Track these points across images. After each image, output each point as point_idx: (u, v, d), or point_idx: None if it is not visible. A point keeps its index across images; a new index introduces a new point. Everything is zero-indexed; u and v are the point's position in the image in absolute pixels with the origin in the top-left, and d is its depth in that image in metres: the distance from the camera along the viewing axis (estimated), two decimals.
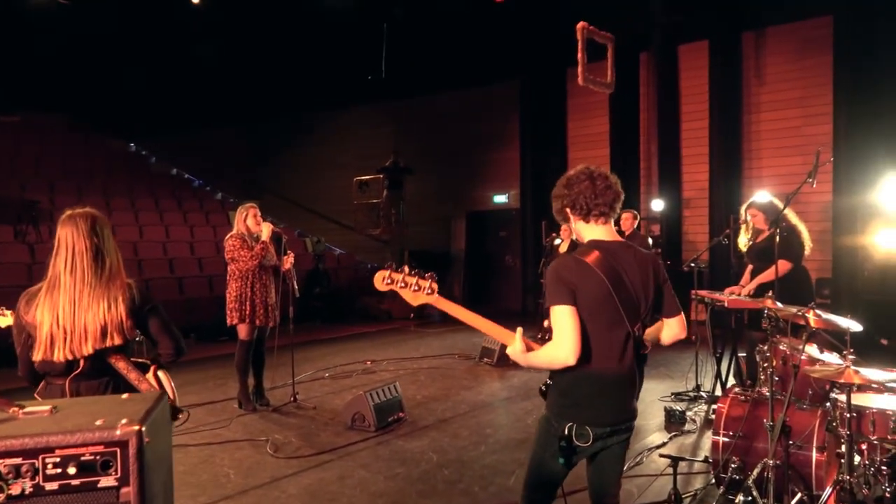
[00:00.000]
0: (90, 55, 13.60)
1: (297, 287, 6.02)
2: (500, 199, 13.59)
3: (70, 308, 2.45)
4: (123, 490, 1.10)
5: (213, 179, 16.89)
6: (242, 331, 5.73)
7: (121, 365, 2.55)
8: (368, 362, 8.16)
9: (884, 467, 3.19)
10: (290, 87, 14.47)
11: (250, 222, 5.78)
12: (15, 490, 1.08)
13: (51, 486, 1.13)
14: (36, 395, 2.56)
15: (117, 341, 2.49)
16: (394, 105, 14.43)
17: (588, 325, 2.20)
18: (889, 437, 3.13)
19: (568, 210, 2.39)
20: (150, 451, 1.13)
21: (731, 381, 5.82)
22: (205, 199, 15.65)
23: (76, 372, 2.49)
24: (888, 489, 3.20)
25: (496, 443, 5.01)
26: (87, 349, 2.45)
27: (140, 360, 2.71)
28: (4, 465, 1.08)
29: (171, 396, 2.65)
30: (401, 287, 2.48)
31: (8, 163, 13.58)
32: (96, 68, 14.24)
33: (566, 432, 2.22)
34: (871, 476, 3.23)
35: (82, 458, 1.11)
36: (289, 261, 5.83)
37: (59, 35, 12.46)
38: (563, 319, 2.17)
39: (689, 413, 5.58)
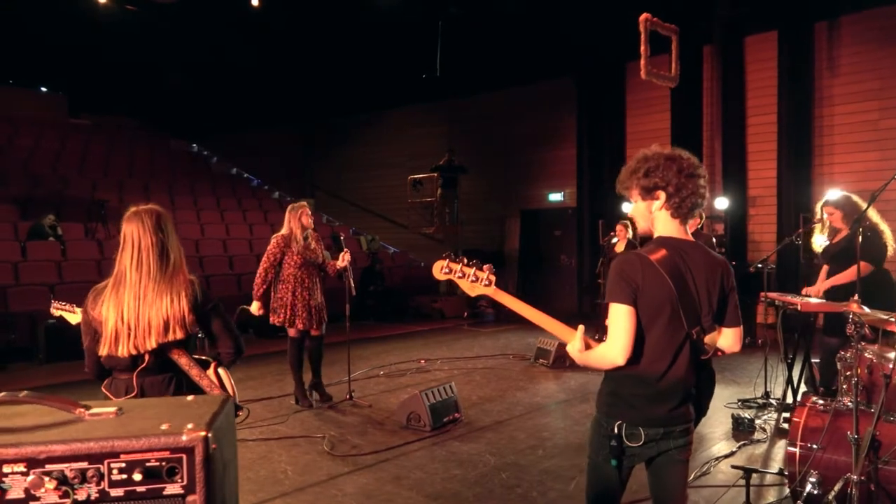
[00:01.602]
0: (155, 59, 14.05)
1: (353, 285, 6.02)
2: (555, 197, 13.44)
3: (135, 304, 2.48)
4: (189, 498, 1.07)
5: (271, 179, 17.25)
6: (291, 331, 5.79)
7: (183, 361, 2.56)
8: (422, 361, 8.13)
9: None
10: (344, 87, 14.63)
11: (304, 221, 5.78)
12: (81, 495, 1.06)
13: (116, 492, 1.10)
14: (102, 389, 2.61)
15: (179, 335, 2.51)
16: (448, 104, 14.42)
17: (645, 325, 2.12)
18: None
19: (661, 194, 2.20)
20: (216, 456, 1.09)
21: (803, 388, 5.50)
22: (263, 198, 15.98)
23: (141, 367, 2.52)
24: None
25: (554, 447, 4.89)
26: (151, 343, 2.48)
27: (202, 356, 2.73)
28: (71, 470, 1.06)
29: (231, 394, 2.66)
30: (458, 277, 2.39)
31: (78, 163, 14.20)
32: (161, 72, 14.71)
33: (616, 430, 2.16)
34: None
35: (148, 465, 1.07)
36: (345, 258, 5.82)
37: (126, 40, 12.92)
38: (619, 318, 2.10)
39: (757, 421, 5.30)
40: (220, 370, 2.70)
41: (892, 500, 3.15)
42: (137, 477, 1.08)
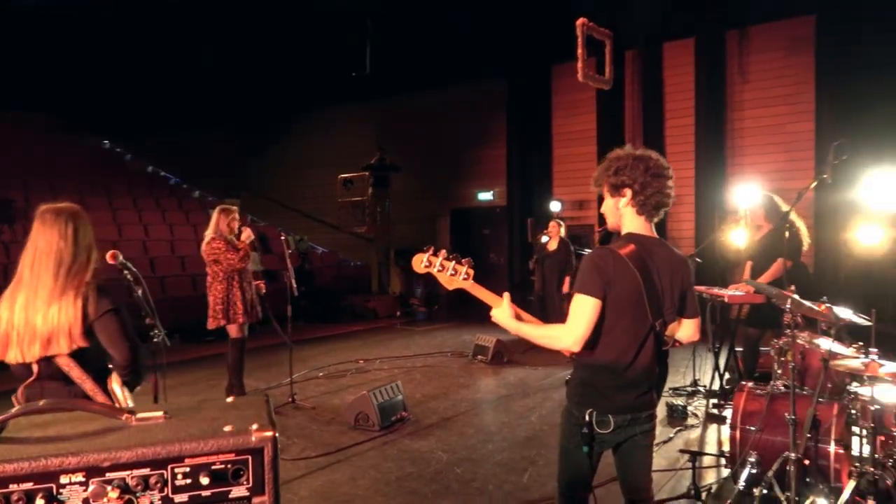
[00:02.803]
0: (68, 53, 13.20)
1: (294, 285, 5.91)
2: (485, 196, 13.66)
3: (24, 308, 2.28)
4: (256, 500, 1.02)
5: (192, 178, 16.58)
6: (232, 330, 5.63)
7: (74, 373, 2.32)
8: (361, 361, 8.07)
9: None
10: (272, 85, 14.26)
11: (232, 225, 5.68)
12: (143, 503, 0.99)
13: (180, 497, 1.04)
14: (13, 398, 2.37)
15: (64, 348, 2.28)
16: (379, 103, 14.35)
17: (614, 318, 2.21)
18: None
19: (627, 191, 2.31)
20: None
21: (727, 375, 5.87)
22: (183, 197, 15.35)
23: (33, 378, 2.31)
24: None
25: (503, 440, 4.98)
26: (35, 353, 2.27)
27: (101, 368, 2.48)
28: (133, 477, 0.99)
29: None
30: (438, 271, 2.44)
31: None
32: (73, 66, 13.84)
33: (587, 419, 2.24)
34: (892, 467, 3.27)
35: (213, 468, 1.03)
36: (247, 233, 5.69)
37: (37, 33, 12.08)
38: (584, 309, 2.18)
39: (689, 408, 5.62)
40: (115, 385, 2.41)
41: (824, 474, 3.42)
42: (204, 481, 1.03)
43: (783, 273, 4.77)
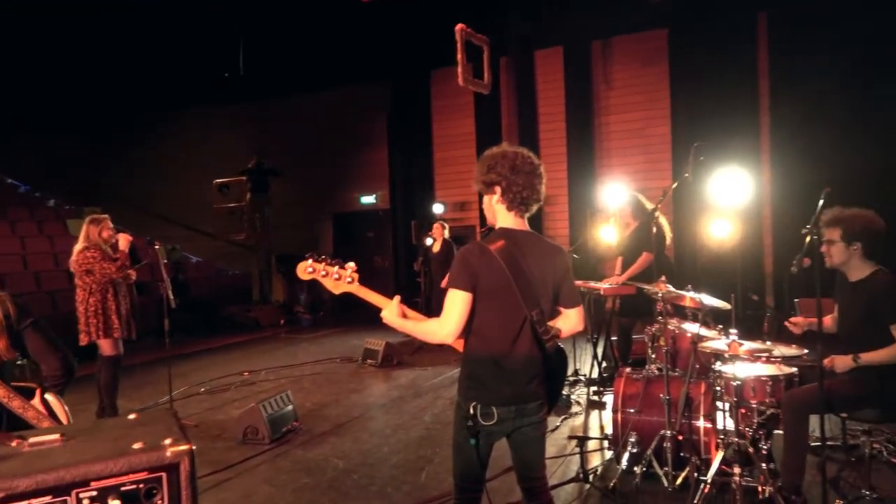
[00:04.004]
0: None
1: (172, 297, 5.58)
2: (367, 199, 13.56)
3: None
4: None
5: (45, 185, 15.16)
6: (107, 346, 5.26)
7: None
8: (246, 373, 7.76)
9: (760, 430, 3.60)
10: (137, 84, 13.34)
11: (105, 235, 5.32)
12: None
13: None
14: None
15: None
16: (256, 105, 13.87)
17: (486, 310, 2.29)
18: (767, 400, 3.54)
19: (498, 190, 2.39)
20: None
21: (604, 363, 6.24)
22: (35, 206, 14.01)
23: None
24: (765, 447, 3.61)
25: (398, 442, 4.99)
26: None
27: (27, 384, 2.38)
28: None
29: (66, 422, 2.37)
30: (323, 276, 2.48)
31: None
32: None
33: (472, 411, 2.31)
34: (753, 437, 3.64)
35: (123, 489, 0.94)
36: (124, 239, 5.38)
37: None
38: (456, 302, 2.27)
39: (572, 397, 5.93)
40: (48, 395, 2.36)
41: (696, 448, 3.74)
42: None
43: (649, 265, 5.16)
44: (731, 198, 6.39)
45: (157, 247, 5.77)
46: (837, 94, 8.84)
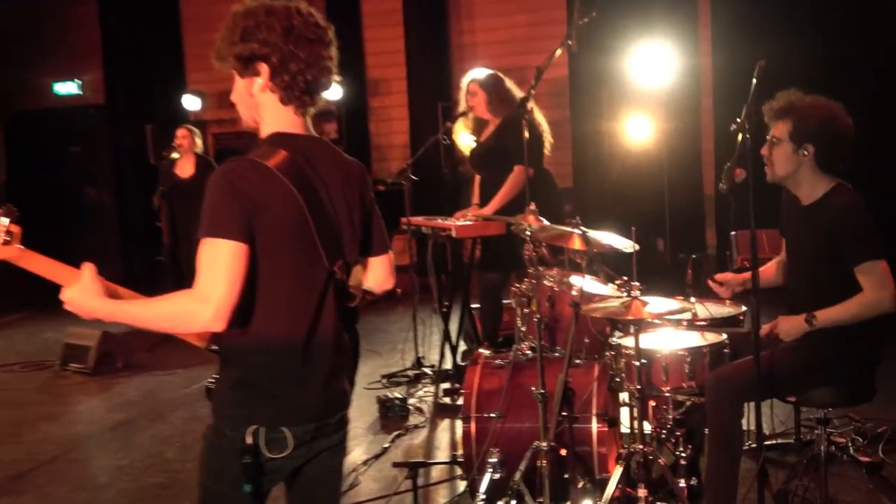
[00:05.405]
0: None
1: None
2: (66, 89, 9.13)
3: None
4: None
5: None
6: None
7: None
8: None
9: (677, 430, 2.46)
10: None
11: None
12: None
13: None
14: None
15: None
16: None
17: (271, 268, 1.56)
18: (684, 384, 2.38)
19: (264, 69, 1.60)
20: None
21: (463, 346, 4.80)
22: None
23: None
24: (683, 454, 2.46)
25: (123, 497, 3.30)
26: None
27: None
28: None
29: None
30: None
31: None
32: None
33: (250, 440, 1.56)
34: (664, 441, 2.49)
35: None
36: None
37: None
38: (221, 261, 1.47)
39: (411, 401, 4.32)
40: None
41: (586, 464, 2.50)
42: None
43: (524, 185, 3.42)
44: (655, 81, 5.09)
45: None
46: None
